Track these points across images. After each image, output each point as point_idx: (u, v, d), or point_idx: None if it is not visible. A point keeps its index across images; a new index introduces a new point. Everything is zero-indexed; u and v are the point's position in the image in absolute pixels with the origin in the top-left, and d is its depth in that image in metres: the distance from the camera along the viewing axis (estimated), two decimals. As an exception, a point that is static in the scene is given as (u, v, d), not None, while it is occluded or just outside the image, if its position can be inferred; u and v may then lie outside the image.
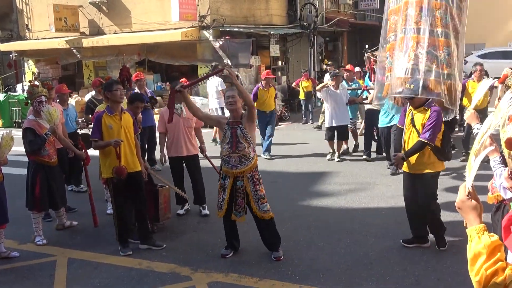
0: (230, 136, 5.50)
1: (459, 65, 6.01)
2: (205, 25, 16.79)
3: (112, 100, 5.94)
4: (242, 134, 5.47)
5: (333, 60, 25.70)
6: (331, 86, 10.20)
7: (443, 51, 5.74)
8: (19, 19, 20.86)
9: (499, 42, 28.30)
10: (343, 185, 8.63)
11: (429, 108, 5.49)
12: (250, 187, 5.51)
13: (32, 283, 5.39)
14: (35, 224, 6.48)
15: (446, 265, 5.33)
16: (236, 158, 5.46)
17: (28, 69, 21.03)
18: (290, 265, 5.51)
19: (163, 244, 6.15)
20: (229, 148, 5.49)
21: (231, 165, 5.49)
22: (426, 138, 5.41)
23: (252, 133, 5.57)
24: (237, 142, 5.45)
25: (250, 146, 5.50)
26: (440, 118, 5.47)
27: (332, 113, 10.25)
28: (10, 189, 6.52)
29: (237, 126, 5.50)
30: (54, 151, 6.57)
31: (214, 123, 5.96)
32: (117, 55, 18.11)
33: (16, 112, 17.49)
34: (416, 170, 5.62)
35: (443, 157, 5.61)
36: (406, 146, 5.64)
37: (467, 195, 2.09)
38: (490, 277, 1.88)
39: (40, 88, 6.46)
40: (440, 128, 5.51)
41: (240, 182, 5.51)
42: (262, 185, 5.60)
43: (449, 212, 6.47)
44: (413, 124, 5.56)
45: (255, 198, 5.51)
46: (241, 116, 5.57)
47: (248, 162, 5.48)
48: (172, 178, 7.38)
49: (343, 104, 10.25)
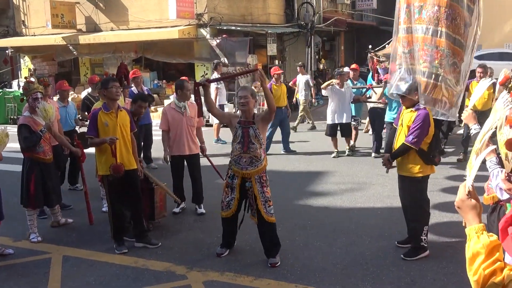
0: (241, 136, 5.40)
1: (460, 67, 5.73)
2: (202, 23, 16.76)
3: (108, 97, 5.91)
4: (254, 134, 5.36)
5: (330, 60, 25.77)
6: (336, 84, 10.40)
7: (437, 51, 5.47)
8: (15, 15, 20.77)
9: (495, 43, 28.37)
10: (339, 185, 8.63)
11: (416, 110, 5.38)
12: (258, 189, 5.42)
13: (27, 280, 5.36)
14: (30, 221, 6.45)
15: (442, 265, 5.34)
16: (247, 158, 5.37)
17: (24, 65, 20.93)
18: (286, 264, 5.50)
19: (158, 242, 6.14)
20: (240, 148, 5.39)
21: (241, 166, 5.40)
22: (409, 141, 5.34)
23: (264, 134, 5.52)
24: (249, 142, 5.36)
25: (261, 147, 5.41)
26: (426, 121, 5.32)
27: (335, 111, 10.46)
28: (5, 186, 6.50)
29: (249, 126, 5.39)
30: (50, 148, 6.54)
31: (226, 121, 5.81)
32: (113, 52, 18.05)
33: (11, 108, 17.42)
34: (403, 172, 5.59)
35: (428, 161, 5.47)
36: (395, 147, 5.62)
37: (467, 195, 2.09)
38: (489, 277, 1.88)
39: (36, 85, 6.42)
40: (427, 131, 5.36)
41: (249, 183, 5.42)
42: (269, 187, 5.53)
43: (445, 213, 6.49)
44: (402, 124, 5.53)
45: (262, 200, 5.43)
46: (253, 116, 5.47)
47: (259, 164, 5.40)
48: (172, 176, 7.36)
49: (347, 102, 10.47)
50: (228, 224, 5.72)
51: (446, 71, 5.15)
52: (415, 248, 5.57)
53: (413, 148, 5.35)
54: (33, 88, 6.31)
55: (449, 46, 5.09)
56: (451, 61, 5.16)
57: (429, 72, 5.21)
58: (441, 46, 5.11)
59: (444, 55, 5.12)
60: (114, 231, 6.06)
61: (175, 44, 17.15)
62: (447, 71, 5.16)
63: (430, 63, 5.17)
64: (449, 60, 5.14)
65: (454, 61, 5.20)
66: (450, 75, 5.17)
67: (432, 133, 5.45)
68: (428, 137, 5.43)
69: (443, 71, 5.15)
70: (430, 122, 5.41)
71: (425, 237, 5.54)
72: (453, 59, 5.17)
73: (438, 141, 5.67)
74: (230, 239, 5.83)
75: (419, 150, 5.39)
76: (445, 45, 5.10)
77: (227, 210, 5.58)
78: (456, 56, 5.18)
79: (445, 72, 5.14)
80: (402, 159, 5.53)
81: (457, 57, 5.20)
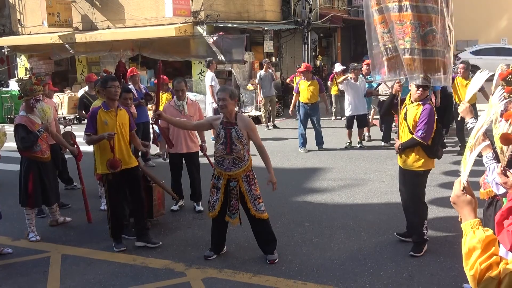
0: (224, 137, 5.36)
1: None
2: (198, 20, 16.74)
3: (107, 96, 5.90)
4: (237, 136, 5.32)
5: (327, 56, 25.75)
6: (351, 78, 10.95)
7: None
8: (11, 14, 20.70)
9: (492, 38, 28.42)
10: (337, 181, 8.65)
11: (422, 105, 5.40)
12: (245, 187, 5.41)
13: (26, 279, 5.37)
14: (28, 220, 6.45)
15: (439, 260, 5.37)
16: (230, 160, 5.34)
17: (21, 64, 20.89)
18: (284, 260, 5.52)
19: (159, 242, 6.12)
20: (223, 149, 5.36)
21: (225, 167, 5.38)
22: (419, 136, 5.37)
23: (253, 139, 5.46)
24: (231, 143, 5.32)
25: (244, 148, 5.37)
26: (432, 116, 5.37)
27: (352, 103, 11.02)
28: (3, 185, 6.50)
29: (231, 127, 5.36)
30: (47, 146, 6.54)
31: (207, 127, 5.80)
32: (110, 50, 18.01)
33: (8, 107, 17.38)
34: (405, 166, 5.63)
35: (432, 155, 5.52)
36: (400, 140, 5.63)
37: (462, 190, 2.10)
38: (485, 271, 1.90)
39: (40, 87, 6.41)
40: (432, 127, 5.41)
41: (233, 183, 5.40)
42: (257, 184, 5.50)
43: (442, 208, 6.51)
44: (405, 118, 5.54)
45: (251, 198, 5.41)
46: (235, 117, 5.40)
47: (242, 165, 5.37)
48: (170, 174, 7.37)
49: (362, 95, 11.03)
50: (216, 225, 5.66)
51: (419, 43, 5.24)
52: (419, 243, 5.61)
53: (423, 142, 5.38)
54: (38, 90, 6.31)
55: (415, 17, 5.19)
56: (425, 30, 5.24)
57: (405, 48, 5.30)
58: (408, 20, 5.22)
59: (414, 27, 5.22)
60: (113, 230, 6.06)
61: (171, 42, 17.13)
62: (420, 42, 5.24)
63: (403, 39, 5.28)
64: (420, 31, 5.23)
65: (430, 29, 5.27)
66: (428, 44, 5.27)
67: (435, 128, 5.48)
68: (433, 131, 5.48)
69: (416, 43, 5.25)
70: (435, 116, 5.46)
71: (425, 230, 5.60)
72: (428, 27, 5.25)
73: (441, 135, 5.73)
74: (218, 243, 5.74)
75: (422, 144, 5.43)
76: (411, 17, 5.22)
77: (213, 210, 5.54)
78: (429, 24, 5.25)
79: (419, 44, 5.23)
80: (405, 153, 5.56)
81: (433, 24, 5.27)
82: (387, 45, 5.53)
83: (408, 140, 5.49)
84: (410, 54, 5.31)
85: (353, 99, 10.98)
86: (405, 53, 5.33)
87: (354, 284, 4.95)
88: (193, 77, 17.53)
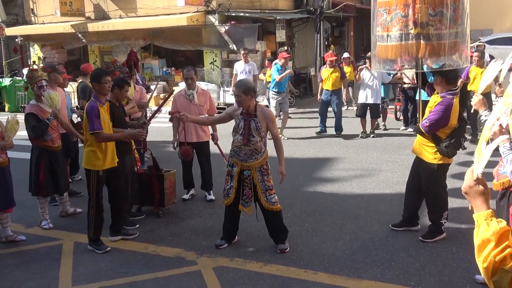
0: (243, 128, 5.36)
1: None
2: (210, 10, 16.65)
3: (100, 92, 5.66)
4: (255, 127, 5.32)
5: (340, 46, 25.54)
6: (367, 67, 10.93)
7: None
8: (24, 3, 20.77)
9: (506, 27, 27.95)
10: (348, 171, 8.61)
11: (442, 97, 5.28)
12: (258, 177, 5.40)
13: (39, 266, 5.43)
14: (41, 208, 6.50)
15: (451, 251, 5.33)
16: (247, 151, 5.34)
17: (34, 53, 20.99)
18: (295, 250, 5.52)
19: (136, 232, 6.11)
20: (241, 140, 5.35)
21: (241, 158, 5.39)
22: (422, 125, 5.34)
23: (271, 131, 5.46)
24: (250, 135, 5.31)
25: (262, 140, 5.37)
26: (447, 110, 5.21)
27: (364, 92, 10.98)
28: (17, 173, 6.54)
29: (251, 119, 5.35)
30: (58, 135, 6.54)
31: (228, 120, 5.74)
32: (122, 40, 18.03)
33: (22, 97, 17.52)
34: (418, 154, 5.62)
35: (439, 150, 5.35)
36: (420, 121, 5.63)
37: (474, 181, 2.06)
38: (499, 264, 1.86)
39: (40, 72, 6.42)
40: (442, 122, 5.25)
41: (247, 172, 5.40)
42: (270, 175, 5.48)
43: (455, 198, 6.45)
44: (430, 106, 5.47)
45: (262, 189, 5.40)
46: (254, 109, 5.38)
47: (259, 157, 5.37)
48: (181, 163, 7.36)
49: (377, 84, 10.94)
50: (229, 212, 5.66)
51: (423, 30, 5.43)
52: (432, 231, 5.59)
53: (423, 133, 5.33)
54: (37, 76, 6.30)
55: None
56: (435, 12, 5.40)
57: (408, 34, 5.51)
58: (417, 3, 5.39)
59: (422, 10, 5.36)
60: (95, 232, 5.71)
61: (183, 31, 17.09)
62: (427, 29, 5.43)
63: (406, 27, 5.49)
64: (431, 11, 5.39)
65: (439, 11, 5.41)
66: (436, 27, 5.41)
67: (453, 125, 5.33)
68: (448, 127, 5.33)
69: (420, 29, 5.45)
70: (454, 112, 5.28)
71: (444, 221, 5.58)
72: (438, 8, 5.40)
73: (460, 135, 5.42)
74: (230, 231, 5.74)
75: (434, 136, 5.35)
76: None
77: (227, 198, 5.54)
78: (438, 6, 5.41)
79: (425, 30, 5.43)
80: (421, 140, 5.51)
81: (439, 6, 5.42)
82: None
83: (416, 126, 5.49)
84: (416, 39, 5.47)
85: (368, 88, 10.95)
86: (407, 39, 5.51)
87: (365, 274, 4.94)
88: (205, 66, 17.48)
